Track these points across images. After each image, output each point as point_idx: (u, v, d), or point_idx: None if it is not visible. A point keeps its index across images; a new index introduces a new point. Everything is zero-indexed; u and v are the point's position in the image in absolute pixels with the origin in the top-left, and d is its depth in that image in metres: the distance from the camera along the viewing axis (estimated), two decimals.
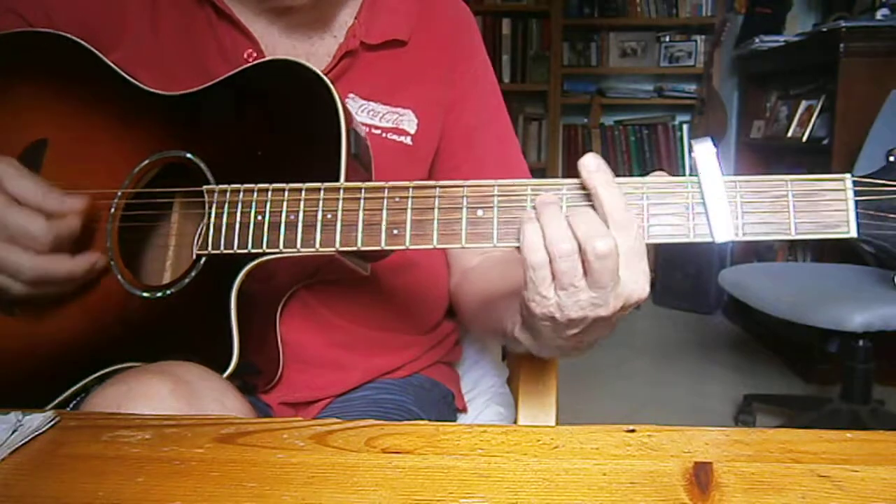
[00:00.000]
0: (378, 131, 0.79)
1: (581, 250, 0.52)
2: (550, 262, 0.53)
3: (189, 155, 0.71)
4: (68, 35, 0.77)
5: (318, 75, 0.68)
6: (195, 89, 0.73)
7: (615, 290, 0.53)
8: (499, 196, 0.57)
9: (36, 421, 0.51)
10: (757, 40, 3.14)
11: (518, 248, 0.55)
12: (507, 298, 0.70)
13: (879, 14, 2.55)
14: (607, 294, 0.53)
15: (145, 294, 0.70)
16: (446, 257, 0.91)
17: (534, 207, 0.55)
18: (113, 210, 0.72)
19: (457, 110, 0.85)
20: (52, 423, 0.52)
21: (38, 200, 0.65)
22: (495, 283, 0.78)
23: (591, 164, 0.54)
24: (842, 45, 2.47)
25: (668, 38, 3.87)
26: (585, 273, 0.53)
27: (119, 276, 0.71)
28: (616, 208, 0.53)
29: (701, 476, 0.44)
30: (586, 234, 0.52)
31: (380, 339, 0.84)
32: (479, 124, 0.87)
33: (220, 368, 0.65)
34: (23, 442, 0.50)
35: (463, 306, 0.87)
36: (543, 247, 0.53)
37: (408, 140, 0.81)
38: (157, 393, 0.58)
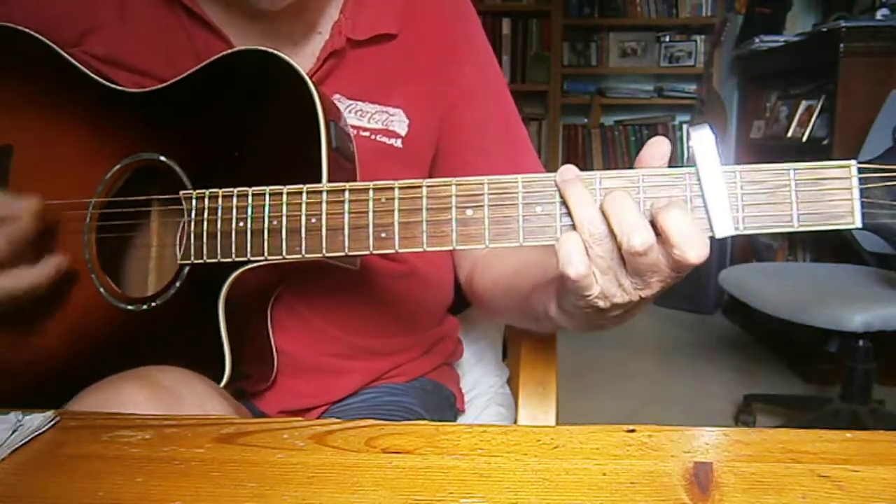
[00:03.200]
0: (367, 133, 0.76)
1: (614, 238, 0.50)
2: (586, 248, 0.51)
3: (162, 157, 0.68)
4: (30, 31, 0.73)
5: (290, 64, 0.64)
6: (163, 85, 0.70)
7: (659, 272, 0.52)
8: (489, 195, 0.55)
9: (36, 421, 0.51)
10: (757, 40, 3.14)
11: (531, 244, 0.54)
12: (531, 279, 0.68)
13: (879, 14, 2.55)
14: (647, 280, 0.52)
15: (130, 307, 0.68)
16: (451, 254, 0.88)
17: (562, 200, 0.53)
18: (88, 220, 0.70)
19: (460, 107, 0.81)
20: (52, 423, 0.52)
21: None
22: (513, 267, 0.75)
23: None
24: (842, 45, 2.47)
25: (668, 38, 3.87)
26: (622, 258, 0.51)
27: (101, 289, 0.69)
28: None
29: (701, 476, 0.44)
30: (621, 227, 0.50)
31: (377, 346, 0.83)
32: (485, 117, 0.83)
33: (214, 378, 0.64)
34: (23, 442, 0.50)
35: (480, 297, 0.84)
36: (584, 259, 0.51)
37: (398, 143, 0.77)
38: (131, 400, 0.56)
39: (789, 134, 2.91)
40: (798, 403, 2.44)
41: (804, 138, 2.79)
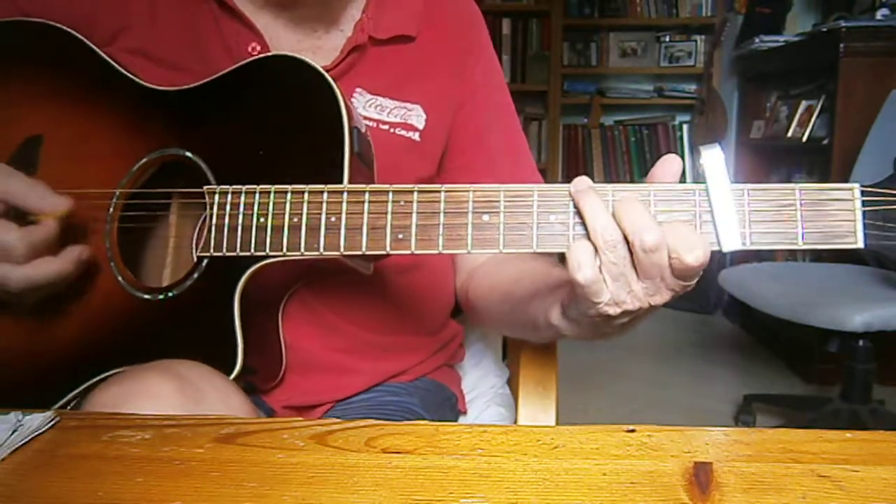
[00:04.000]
0: (386, 126, 0.79)
1: (628, 243, 0.52)
2: (597, 253, 0.52)
3: (188, 153, 0.70)
4: (64, 27, 0.76)
5: (319, 72, 0.67)
6: (194, 85, 0.72)
7: (665, 279, 0.53)
8: (505, 201, 0.56)
9: (36, 421, 0.51)
10: (757, 40, 3.14)
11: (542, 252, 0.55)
12: (531, 288, 0.69)
13: (879, 14, 2.55)
14: (657, 284, 0.53)
15: (146, 296, 0.69)
16: (452, 257, 0.90)
17: (576, 210, 0.54)
18: (111, 210, 0.72)
19: (468, 107, 0.84)
20: (52, 423, 0.52)
21: (16, 199, 0.64)
22: (513, 275, 0.77)
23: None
24: (842, 45, 2.47)
25: (668, 38, 3.87)
26: (634, 264, 0.53)
27: (119, 278, 0.70)
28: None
29: (701, 476, 0.44)
30: (633, 227, 0.51)
31: (386, 344, 0.84)
32: (490, 121, 0.86)
33: (225, 371, 0.65)
34: (23, 442, 0.50)
35: (474, 303, 0.86)
36: (594, 264, 0.52)
37: (416, 136, 0.80)
38: (158, 391, 0.57)
39: (789, 134, 2.91)
40: (798, 403, 2.44)
41: (804, 138, 2.79)
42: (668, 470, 0.45)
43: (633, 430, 0.50)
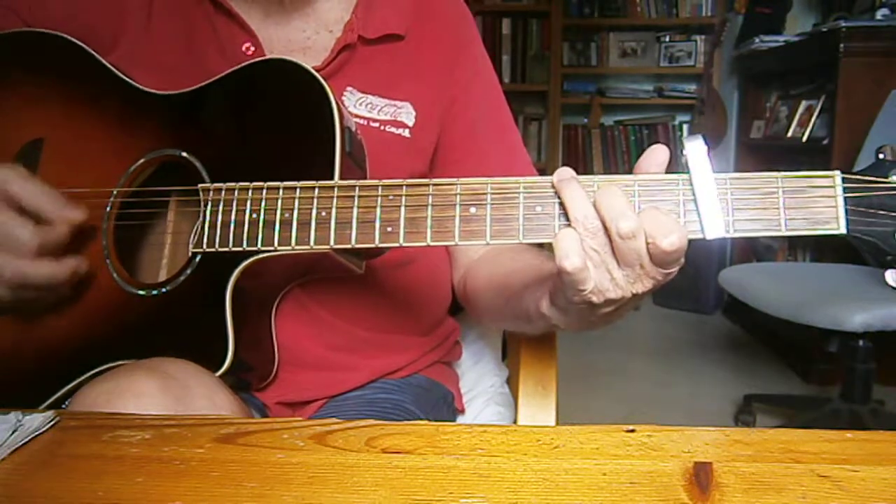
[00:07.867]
0: (376, 124, 0.80)
1: (606, 230, 0.53)
2: (580, 241, 0.53)
3: (184, 153, 0.71)
4: (65, 35, 0.78)
5: (312, 74, 0.68)
6: (190, 89, 0.73)
7: (645, 267, 0.54)
8: (492, 194, 0.57)
9: (36, 421, 0.52)
10: (757, 40, 3.14)
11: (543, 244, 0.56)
12: (524, 280, 0.70)
13: (879, 14, 2.54)
14: (637, 272, 0.54)
15: (141, 292, 0.70)
16: (448, 253, 0.90)
17: (559, 200, 0.55)
18: (109, 209, 0.73)
19: (459, 104, 0.85)
20: (52, 423, 0.52)
21: (35, 203, 0.65)
22: (507, 268, 0.78)
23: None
24: (842, 45, 2.47)
25: (668, 38, 3.87)
26: (613, 251, 0.53)
27: (114, 275, 0.71)
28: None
29: (701, 476, 0.44)
30: (610, 214, 0.52)
31: (380, 341, 0.84)
32: (481, 117, 0.87)
33: (215, 366, 0.66)
34: (23, 442, 0.50)
35: (471, 297, 0.86)
36: (580, 252, 0.53)
37: (406, 133, 0.81)
38: (145, 390, 0.58)
39: (789, 134, 2.91)
40: (798, 403, 2.44)
41: (804, 138, 2.79)
42: (667, 470, 0.45)
43: (633, 430, 0.50)
